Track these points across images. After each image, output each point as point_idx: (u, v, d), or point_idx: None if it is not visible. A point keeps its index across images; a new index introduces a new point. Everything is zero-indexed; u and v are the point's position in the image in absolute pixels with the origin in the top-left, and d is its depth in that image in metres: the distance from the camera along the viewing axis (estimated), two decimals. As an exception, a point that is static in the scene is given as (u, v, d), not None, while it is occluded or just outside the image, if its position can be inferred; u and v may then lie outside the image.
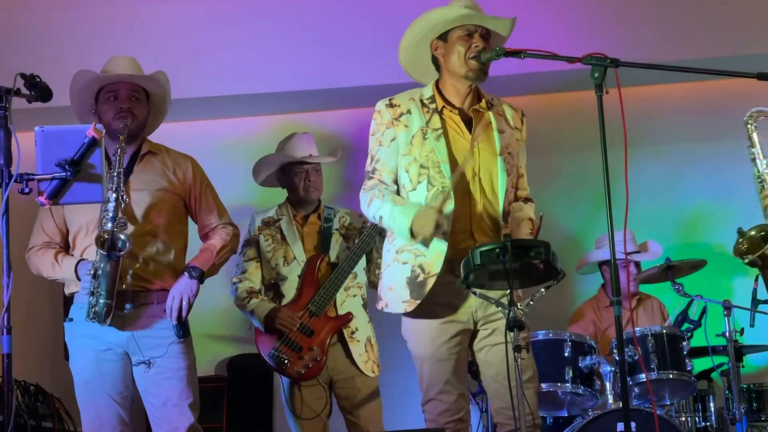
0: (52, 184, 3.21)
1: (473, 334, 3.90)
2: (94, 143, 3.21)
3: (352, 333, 5.00)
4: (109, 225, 3.95)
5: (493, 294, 3.72)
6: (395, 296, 3.87)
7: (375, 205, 3.86)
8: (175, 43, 6.02)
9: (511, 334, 3.55)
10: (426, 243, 3.74)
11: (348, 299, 5.03)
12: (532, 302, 3.67)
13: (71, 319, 4.19)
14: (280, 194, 5.31)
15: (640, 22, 6.03)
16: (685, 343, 5.24)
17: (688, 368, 5.21)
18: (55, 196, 3.23)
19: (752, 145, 4.05)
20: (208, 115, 6.39)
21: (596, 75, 3.49)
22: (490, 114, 3.94)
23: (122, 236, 3.95)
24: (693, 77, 6.03)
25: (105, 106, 4.21)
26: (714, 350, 5.41)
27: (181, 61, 5.66)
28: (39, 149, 3.21)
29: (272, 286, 5.07)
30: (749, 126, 4.06)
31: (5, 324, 3.17)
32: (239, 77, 6.12)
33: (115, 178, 4.01)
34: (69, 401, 5.65)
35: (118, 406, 4.14)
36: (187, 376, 4.17)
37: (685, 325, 5.43)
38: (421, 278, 3.79)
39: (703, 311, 5.38)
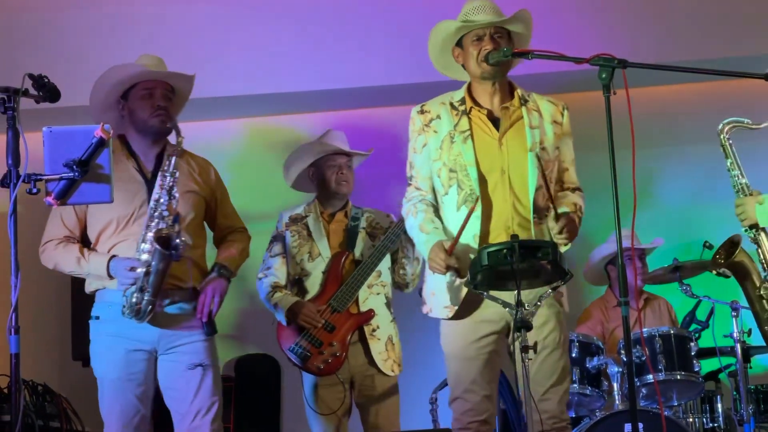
0: (60, 185, 3.21)
1: (508, 334, 3.90)
2: (101, 143, 3.22)
3: (373, 331, 4.99)
4: (163, 225, 4.02)
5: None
6: (438, 302, 3.90)
7: (409, 222, 3.96)
8: (180, 43, 6.02)
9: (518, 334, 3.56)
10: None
11: (371, 297, 5.02)
12: (539, 303, 3.67)
13: (97, 317, 4.19)
14: (278, 199, 5.32)
15: (648, 22, 6.02)
16: (692, 344, 5.24)
17: (696, 369, 5.21)
18: (63, 197, 3.23)
19: (726, 156, 4.08)
20: (214, 115, 6.39)
21: (604, 76, 3.50)
22: (523, 110, 3.94)
23: (184, 237, 4.04)
24: (701, 77, 6.01)
25: (140, 102, 4.23)
26: (722, 351, 5.40)
27: (187, 62, 5.65)
28: (47, 149, 3.22)
29: (296, 282, 5.09)
30: (722, 137, 4.09)
31: (13, 324, 3.18)
32: (245, 78, 6.11)
33: (168, 178, 4.09)
34: (76, 401, 5.67)
35: (142, 407, 4.16)
36: (214, 373, 4.21)
37: (693, 326, 5.43)
38: (457, 283, 3.81)
39: (711, 312, 5.38)
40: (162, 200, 4.08)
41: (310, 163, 5.21)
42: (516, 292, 3.56)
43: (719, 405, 5.58)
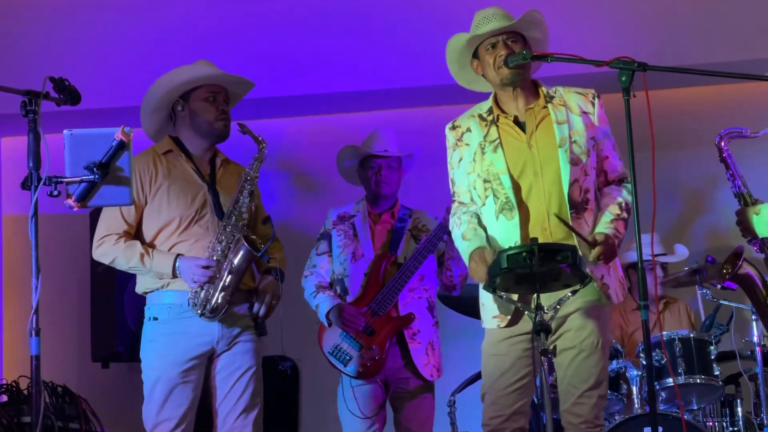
0: (80, 187, 3.22)
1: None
2: (122, 146, 3.23)
3: (414, 335, 4.95)
4: (240, 226, 4.19)
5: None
6: (486, 312, 3.91)
7: (454, 234, 3.98)
8: (209, 45, 6.04)
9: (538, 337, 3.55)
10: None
11: (412, 300, 4.98)
12: (558, 307, 3.66)
13: (156, 319, 4.22)
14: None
15: (667, 25, 6.00)
16: (712, 348, 5.21)
17: (716, 373, 5.19)
18: (84, 199, 3.24)
19: (726, 168, 4.08)
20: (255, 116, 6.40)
21: (624, 79, 3.49)
22: (549, 107, 3.91)
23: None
24: (721, 80, 5.99)
25: (204, 104, 4.30)
26: (741, 355, 5.37)
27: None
28: (68, 152, 3.23)
29: (338, 282, 5.08)
30: (720, 147, 4.09)
31: (34, 326, 3.19)
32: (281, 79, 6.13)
33: (247, 184, 4.24)
34: (96, 402, 5.69)
35: (191, 412, 4.21)
36: (258, 376, 4.30)
37: (713, 330, 5.40)
38: (505, 297, 3.76)
39: (731, 316, 5.35)
40: (242, 202, 4.22)
41: (357, 163, 5.22)
42: (535, 295, 3.56)
43: (739, 409, 5.55)
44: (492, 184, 3.86)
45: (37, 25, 6.14)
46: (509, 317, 3.83)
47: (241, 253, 4.17)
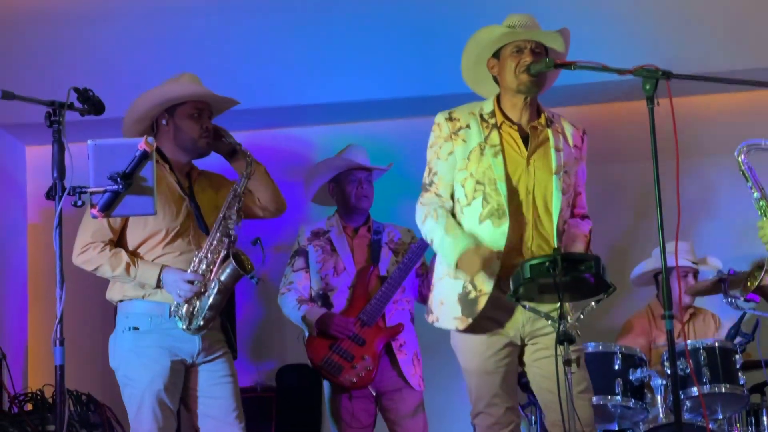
0: (104, 197, 3.23)
1: (521, 349, 3.89)
2: (145, 156, 3.24)
3: (401, 346, 5.02)
4: (226, 242, 4.17)
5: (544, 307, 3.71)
6: (446, 312, 3.86)
7: (429, 225, 3.88)
8: (205, 56, 6.06)
9: (561, 347, 3.54)
10: (469, 278, 3.75)
11: (396, 312, 5.05)
12: (582, 316, 3.65)
13: (136, 328, 4.19)
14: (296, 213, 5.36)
15: (690, 32, 5.98)
16: (737, 357, 5.18)
17: (741, 382, 5.15)
18: (108, 209, 3.26)
19: (747, 180, 4.06)
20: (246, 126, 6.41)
21: (647, 87, 3.48)
22: (549, 131, 3.92)
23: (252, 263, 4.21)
24: (747, 86, 5.95)
25: (188, 121, 4.30)
26: (767, 364, 5.34)
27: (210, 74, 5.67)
28: (91, 163, 3.24)
29: (320, 297, 5.09)
30: (739, 160, 4.08)
31: (58, 335, 3.21)
32: (264, 90, 6.12)
33: (236, 201, 4.24)
34: (120, 410, 5.69)
35: (174, 419, 4.20)
36: (236, 384, 4.28)
37: (740, 338, 5.37)
38: (473, 295, 3.78)
39: (756, 324, 5.31)
40: (231, 219, 4.20)
41: (331, 178, 5.23)
42: (558, 305, 3.55)
43: (765, 418, 5.51)
44: (485, 187, 3.83)
45: (61, 36, 6.16)
46: (471, 320, 3.80)
47: (228, 270, 4.14)
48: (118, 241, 4.24)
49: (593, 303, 3.67)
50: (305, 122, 6.45)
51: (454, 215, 3.90)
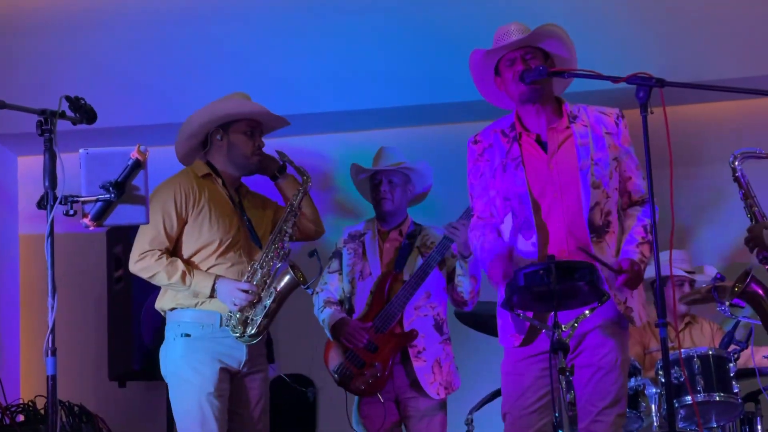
0: (96, 206, 3.22)
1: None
2: (137, 165, 3.23)
3: (419, 353, 4.93)
4: (279, 257, 4.34)
5: None
6: (503, 330, 3.91)
7: (472, 242, 4.00)
8: (214, 63, 6.05)
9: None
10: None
11: (417, 318, 4.96)
12: (576, 324, 3.64)
13: (188, 335, 4.27)
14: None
15: (684, 41, 5.98)
16: (731, 365, 5.18)
17: (735, 390, 5.15)
18: (100, 218, 3.24)
19: (740, 187, 4.08)
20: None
21: (641, 95, 3.47)
22: (573, 128, 3.88)
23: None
24: (740, 95, 5.96)
25: (242, 137, 4.44)
26: (761, 372, 5.33)
27: (217, 83, 5.66)
28: (84, 171, 3.23)
29: (347, 300, 5.10)
30: (733, 167, 4.09)
31: (50, 345, 3.19)
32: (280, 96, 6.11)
33: (292, 215, 4.41)
34: (113, 421, 5.68)
35: (223, 425, 4.27)
36: (266, 403, 4.47)
37: (734, 346, 5.36)
38: (522, 315, 3.74)
39: (750, 333, 5.31)
40: (287, 232, 4.36)
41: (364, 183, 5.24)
42: (553, 313, 3.54)
43: (759, 426, 5.50)
44: (511, 202, 3.84)
45: (53, 44, 6.16)
46: (523, 336, 3.81)
47: (286, 279, 4.30)
48: (173, 250, 4.33)
49: (587, 311, 3.66)
50: (309, 131, 6.44)
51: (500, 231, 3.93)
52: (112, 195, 3.20)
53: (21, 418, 5.40)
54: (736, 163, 4.13)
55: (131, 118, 6.05)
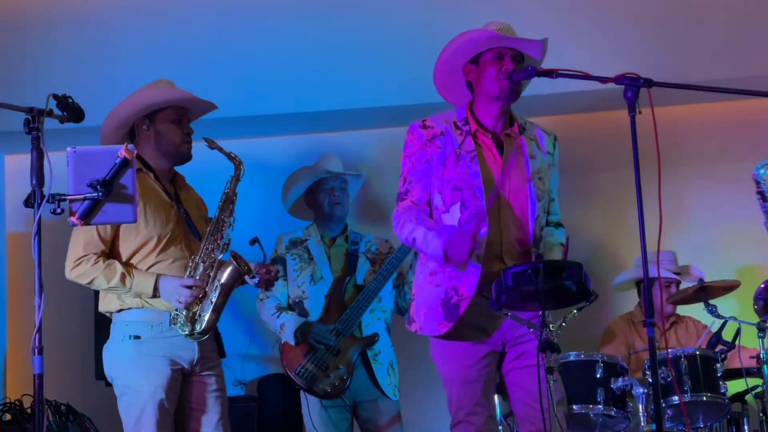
0: (83, 205, 3.21)
1: (501, 355, 3.89)
2: (125, 164, 3.22)
3: (376, 355, 5.05)
4: (221, 245, 4.18)
5: None
6: (429, 318, 3.85)
7: (408, 228, 3.85)
8: (205, 62, 6.04)
9: (543, 355, 3.54)
10: (460, 267, 3.73)
11: (372, 321, 5.09)
12: (564, 324, 3.65)
13: (138, 337, 4.13)
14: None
15: (671, 41, 6.00)
16: (718, 365, 5.19)
17: (722, 390, 5.16)
18: (87, 217, 3.23)
19: (763, 200, 4.04)
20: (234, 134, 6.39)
21: (629, 95, 3.48)
22: (524, 138, 3.93)
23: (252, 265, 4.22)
24: (727, 96, 5.98)
25: (170, 125, 4.27)
26: (748, 372, 5.35)
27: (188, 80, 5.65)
28: (71, 170, 3.21)
29: (297, 304, 5.11)
30: (760, 173, 4.07)
31: (37, 344, 3.17)
32: (257, 97, 6.10)
33: (228, 204, 4.24)
34: (99, 420, 5.67)
35: (173, 427, 4.18)
36: (225, 398, 4.29)
37: (721, 347, 5.38)
38: (454, 300, 3.78)
39: (737, 333, 5.32)
40: (225, 221, 4.20)
41: (306, 189, 5.28)
42: (541, 313, 3.55)
43: (746, 426, 5.53)
44: (463, 192, 3.83)
45: (41, 41, 6.14)
46: (453, 324, 3.79)
47: (228, 271, 4.13)
48: (111, 252, 4.19)
49: (575, 311, 3.67)
50: (279, 132, 6.43)
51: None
52: (100, 193, 3.19)
53: (7, 417, 5.39)
54: (764, 171, 4.06)
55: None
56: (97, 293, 5.88)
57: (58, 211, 3.20)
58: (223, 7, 6.18)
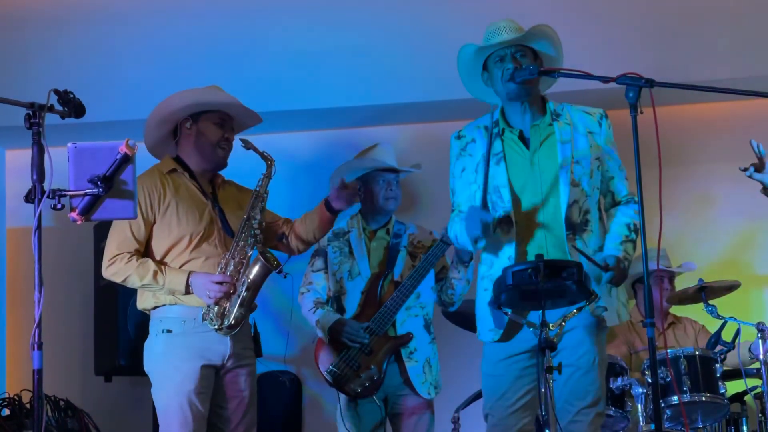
0: (84, 200, 3.21)
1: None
2: (126, 159, 3.22)
3: (411, 353, 4.94)
4: (251, 241, 4.27)
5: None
6: (482, 325, 3.92)
7: (452, 229, 3.97)
8: (205, 59, 6.03)
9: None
10: (475, 242, 3.77)
11: (408, 319, 4.96)
12: (564, 323, 3.65)
13: (169, 331, 4.23)
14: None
15: (673, 41, 5.99)
16: (718, 366, 5.19)
17: (721, 391, 5.16)
18: (87, 212, 3.23)
19: None
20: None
21: (631, 95, 3.48)
22: (555, 125, 3.90)
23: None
24: (729, 96, 5.97)
25: (213, 127, 4.38)
26: (747, 373, 5.34)
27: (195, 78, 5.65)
28: (72, 165, 3.22)
29: (335, 300, 5.06)
30: None
31: (36, 340, 3.18)
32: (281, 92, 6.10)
33: (259, 201, 4.33)
34: (98, 416, 5.66)
35: (204, 422, 4.25)
36: (253, 398, 4.40)
37: (720, 347, 5.37)
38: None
39: (737, 333, 5.32)
40: (255, 219, 4.30)
41: (357, 178, 5.14)
42: (541, 312, 3.55)
43: (745, 427, 5.52)
44: (492, 196, 3.84)
45: (42, 37, 6.13)
46: (502, 330, 3.83)
47: (257, 268, 4.23)
48: (145, 251, 4.30)
49: (575, 310, 3.67)
50: (300, 128, 6.43)
51: None
52: (100, 189, 3.20)
53: (6, 412, 5.39)
54: None
55: (120, 112, 6.03)
56: (96, 290, 5.95)
57: (59, 206, 3.20)
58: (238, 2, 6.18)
